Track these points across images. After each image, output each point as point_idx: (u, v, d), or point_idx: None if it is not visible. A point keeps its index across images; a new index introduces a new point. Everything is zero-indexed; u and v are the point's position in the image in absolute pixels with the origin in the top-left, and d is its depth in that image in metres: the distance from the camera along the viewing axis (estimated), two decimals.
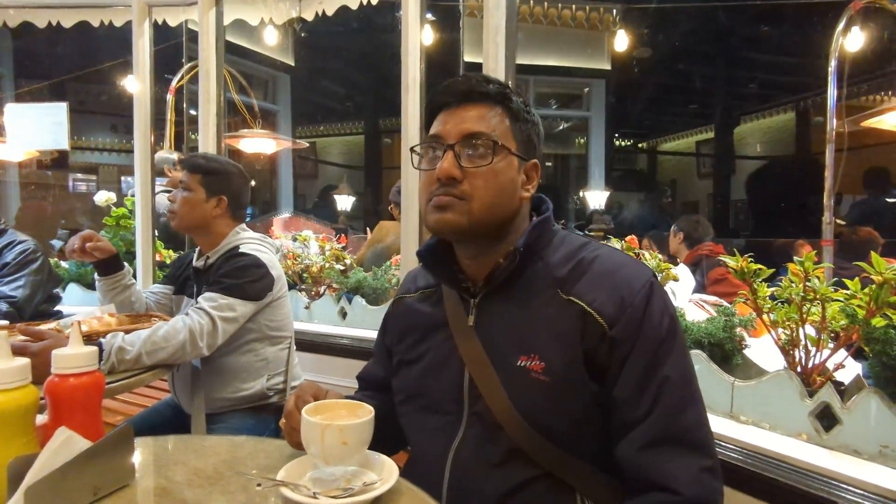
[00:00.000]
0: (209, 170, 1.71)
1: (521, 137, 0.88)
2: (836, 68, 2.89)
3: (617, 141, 10.66)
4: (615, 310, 0.79)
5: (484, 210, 0.83)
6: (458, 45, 2.52)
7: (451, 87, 0.88)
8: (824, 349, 1.25)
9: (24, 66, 6.81)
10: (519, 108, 0.88)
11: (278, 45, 4.98)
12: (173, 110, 4.14)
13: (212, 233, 1.72)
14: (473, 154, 0.84)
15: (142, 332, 1.42)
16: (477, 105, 0.86)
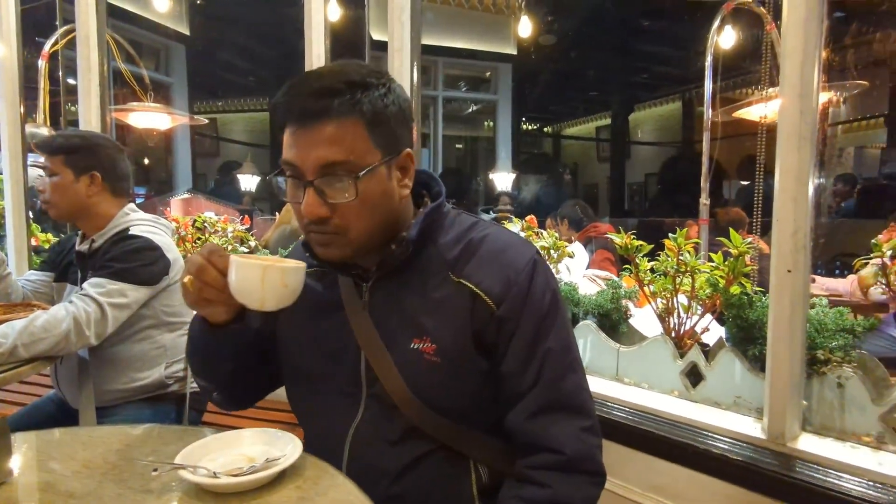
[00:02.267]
0: (70, 147, 1.57)
1: (384, 140, 0.80)
2: (712, 63, 3.19)
3: (524, 125, 11.02)
4: (502, 289, 0.83)
5: (364, 235, 0.81)
6: (364, 22, 2.48)
7: (294, 104, 0.77)
8: (694, 316, 1.42)
9: None
10: (375, 107, 0.78)
11: (170, 11, 4.60)
12: (47, 78, 3.72)
13: (94, 214, 1.60)
14: (337, 188, 0.77)
15: (16, 323, 1.31)
16: (326, 122, 0.76)
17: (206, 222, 2.77)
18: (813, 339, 1.15)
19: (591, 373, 1.52)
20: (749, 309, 1.27)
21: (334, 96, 0.76)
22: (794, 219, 1.07)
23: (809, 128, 1.08)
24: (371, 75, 0.80)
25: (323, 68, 0.83)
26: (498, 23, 6.26)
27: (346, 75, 0.78)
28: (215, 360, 0.92)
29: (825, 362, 1.14)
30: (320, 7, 2.17)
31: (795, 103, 1.08)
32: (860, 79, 5.09)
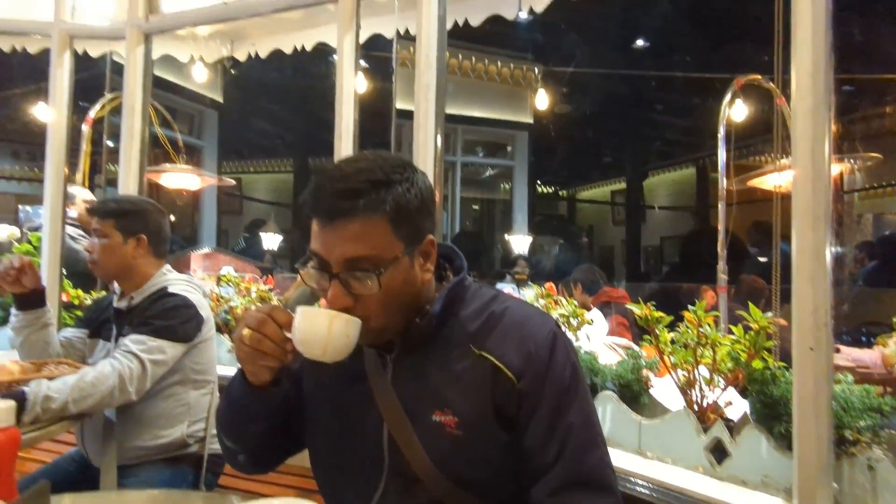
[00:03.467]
0: (122, 212, 1.69)
1: (406, 231, 0.83)
2: (725, 134, 3.28)
3: (539, 188, 11.25)
4: (522, 363, 0.85)
5: (387, 322, 0.85)
6: (391, 92, 2.61)
7: (320, 203, 0.82)
8: (716, 389, 1.41)
9: None
10: (398, 201, 0.81)
11: (207, 81, 4.92)
12: (89, 142, 3.94)
13: (136, 274, 1.69)
14: (360, 279, 0.81)
15: (68, 379, 1.37)
16: (351, 219, 0.79)
17: (231, 281, 2.84)
18: (840, 419, 1.14)
19: (612, 445, 1.49)
20: (773, 385, 1.26)
21: (358, 197, 0.79)
22: (813, 297, 1.09)
23: (823, 207, 1.11)
24: (394, 171, 0.83)
25: (348, 164, 0.86)
26: (515, 94, 6.56)
27: (370, 173, 0.82)
28: (249, 421, 0.93)
29: (854, 443, 1.13)
30: (350, 80, 2.31)
31: (808, 184, 1.12)
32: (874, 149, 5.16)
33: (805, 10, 1.19)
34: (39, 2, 2.93)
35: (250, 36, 3.52)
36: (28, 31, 2.88)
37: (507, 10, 3.04)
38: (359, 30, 2.31)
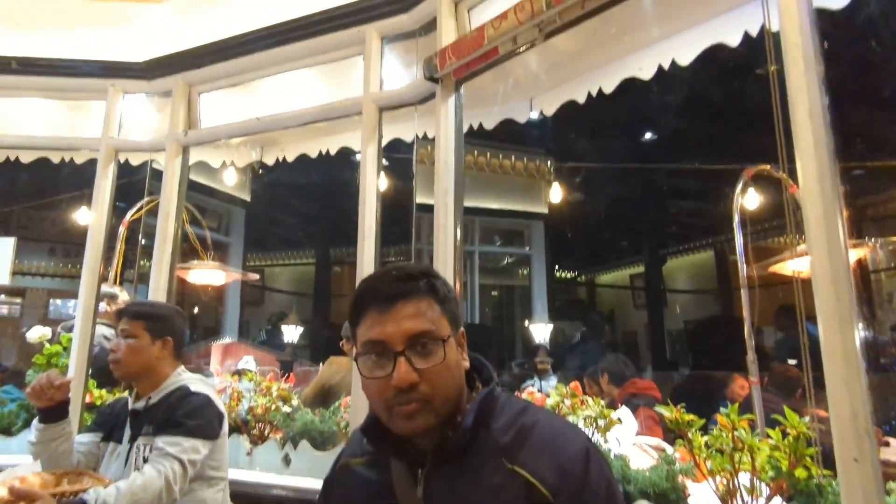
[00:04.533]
0: (153, 315, 1.77)
1: (451, 316, 0.92)
2: (740, 223, 3.32)
3: (558, 273, 11.26)
4: (556, 479, 0.83)
5: (447, 403, 0.88)
6: (411, 188, 2.72)
7: (381, 289, 0.90)
8: (759, 498, 1.33)
9: None
10: (443, 291, 0.93)
11: (237, 183, 5.21)
12: (124, 242, 4.12)
13: (156, 374, 1.73)
14: (425, 354, 0.86)
15: (119, 485, 1.42)
16: (408, 301, 0.88)
17: (252, 380, 2.83)
18: None
19: None
20: (820, 497, 1.19)
21: (415, 280, 0.91)
22: (851, 403, 1.06)
23: (848, 309, 1.10)
24: (430, 269, 0.97)
25: (395, 266, 0.97)
26: (530, 186, 6.80)
27: (416, 267, 0.95)
28: None
29: None
30: (373, 182, 2.44)
31: (827, 275, 1.12)
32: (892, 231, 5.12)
33: (802, 103, 1.26)
34: (90, 118, 3.21)
35: (279, 142, 3.76)
36: (78, 146, 3.12)
37: (519, 115, 3.24)
38: (381, 138, 2.46)
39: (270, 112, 2.82)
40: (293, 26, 2.58)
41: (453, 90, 2.16)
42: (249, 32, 2.70)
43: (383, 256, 2.46)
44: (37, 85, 3.04)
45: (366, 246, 2.38)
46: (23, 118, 3.28)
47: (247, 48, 2.73)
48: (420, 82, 2.26)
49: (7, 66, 2.94)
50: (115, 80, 3.00)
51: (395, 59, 2.53)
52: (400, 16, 2.39)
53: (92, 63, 2.97)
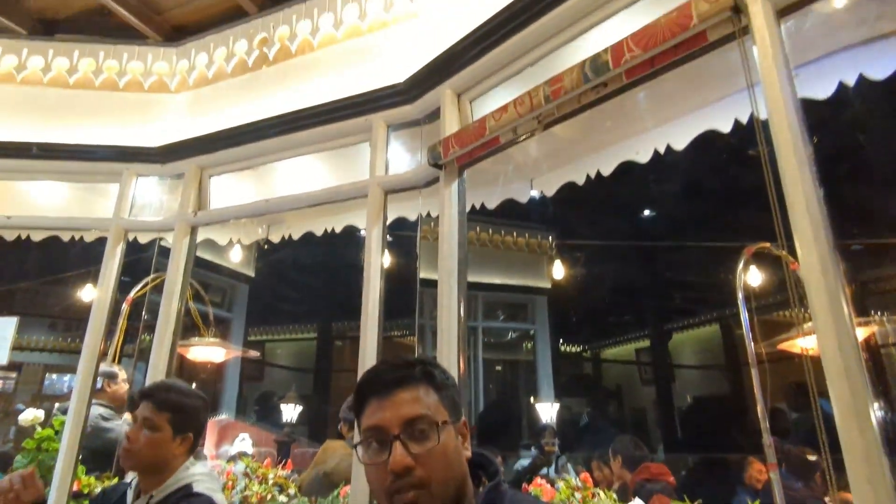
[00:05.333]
0: (180, 408, 1.64)
1: (448, 404, 0.96)
2: (744, 299, 3.30)
3: (562, 347, 11.10)
4: None
5: (444, 488, 0.89)
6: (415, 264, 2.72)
7: (379, 378, 0.96)
8: None
9: None
10: (441, 379, 0.97)
11: (242, 259, 5.27)
12: (126, 319, 4.11)
13: (167, 469, 1.61)
14: (420, 439, 0.90)
15: None
16: (406, 388, 0.93)
17: (248, 466, 2.73)
18: None
19: None
20: None
21: (411, 368, 0.96)
22: (874, 490, 1.01)
23: (862, 388, 1.08)
24: (430, 360, 1.02)
25: (391, 357, 1.02)
26: (532, 261, 6.87)
27: (416, 358, 1.00)
28: None
29: None
30: (378, 261, 2.46)
31: (840, 368, 1.10)
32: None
33: (795, 187, 1.29)
34: (102, 198, 3.30)
35: (285, 221, 3.84)
36: (89, 227, 3.19)
37: (520, 195, 3.33)
38: (386, 220, 2.52)
39: (279, 194, 2.91)
40: (303, 115, 2.71)
41: (456, 176, 2.23)
42: (261, 120, 2.83)
43: (386, 331, 2.45)
44: (55, 168, 3.15)
45: (369, 323, 2.37)
46: (36, 198, 3.38)
47: (258, 135, 2.85)
48: (424, 168, 2.34)
49: (28, 151, 3.06)
50: (129, 164, 3.11)
51: (400, 145, 2.63)
52: (405, 106, 2.51)
53: (109, 148, 3.09)
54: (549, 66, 2.10)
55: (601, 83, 1.68)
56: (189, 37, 3.19)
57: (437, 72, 2.36)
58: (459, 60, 2.27)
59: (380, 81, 2.56)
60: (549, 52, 2.09)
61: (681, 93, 2.28)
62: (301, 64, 2.85)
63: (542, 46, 2.09)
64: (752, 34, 1.40)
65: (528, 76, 2.19)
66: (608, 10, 1.87)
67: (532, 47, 2.11)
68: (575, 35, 2.01)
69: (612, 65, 1.61)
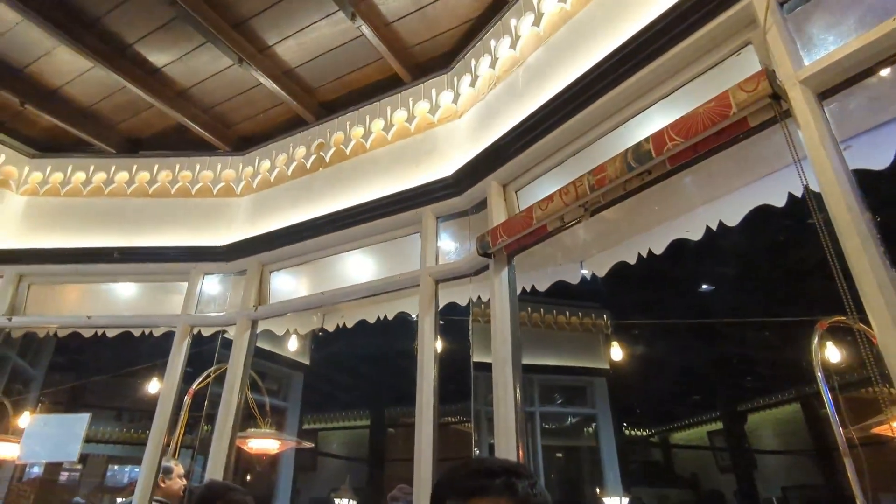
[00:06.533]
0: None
1: None
2: (824, 377, 3.05)
3: (626, 431, 10.42)
4: None
5: None
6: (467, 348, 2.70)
7: (456, 484, 0.92)
8: None
9: (56, 364, 7.27)
10: (524, 492, 0.90)
11: (298, 349, 5.39)
12: (187, 411, 4.22)
13: None
14: None
15: None
16: (483, 499, 0.89)
17: None
18: None
19: None
20: None
21: (493, 477, 0.90)
22: None
23: None
24: (522, 468, 0.95)
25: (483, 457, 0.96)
26: (588, 341, 6.65)
27: (503, 463, 0.94)
28: None
29: None
30: (431, 348, 2.46)
31: None
32: None
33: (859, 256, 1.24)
34: (168, 296, 3.51)
35: (340, 310, 3.93)
36: (159, 324, 3.38)
37: (570, 276, 3.30)
38: (438, 308, 2.55)
39: (335, 286, 3.01)
40: (357, 211, 2.86)
41: (506, 263, 2.27)
42: (317, 218, 3.00)
43: (441, 416, 2.40)
44: (132, 270, 3.41)
45: (424, 411, 2.34)
46: (111, 297, 3.63)
47: (314, 231, 3.01)
48: (473, 256, 2.39)
49: (110, 256, 3.34)
50: (197, 263, 3.33)
51: (449, 235, 2.71)
52: (453, 198, 2.62)
53: (180, 249, 3.34)
54: (591, 155, 2.16)
55: (645, 171, 1.71)
56: (254, 146, 3.50)
57: (482, 165, 2.46)
58: (504, 153, 2.38)
59: (428, 176, 2.70)
60: (591, 143, 2.17)
61: (728, 171, 2.27)
62: (355, 164, 3.06)
63: (584, 137, 2.17)
64: (795, 117, 1.41)
65: (571, 165, 2.26)
66: (647, 101, 1.94)
67: (574, 138, 2.19)
68: (615, 125, 2.08)
69: (654, 153, 1.64)
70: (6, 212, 3.53)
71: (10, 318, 3.32)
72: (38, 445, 3.03)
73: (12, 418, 4.84)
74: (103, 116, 3.53)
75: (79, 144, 3.68)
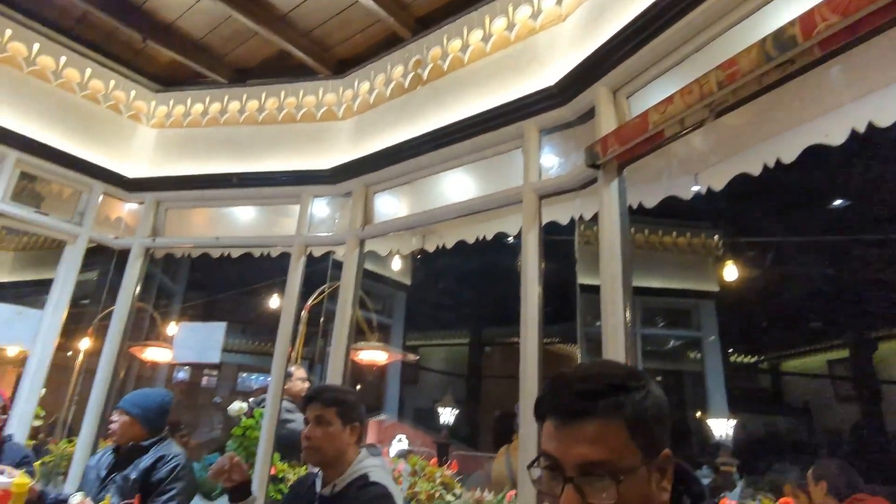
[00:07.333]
0: (344, 402, 1.84)
1: (644, 442, 0.80)
2: None
3: (733, 357, 10.01)
4: None
5: None
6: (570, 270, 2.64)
7: (558, 403, 0.83)
8: None
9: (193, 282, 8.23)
10: (636, 409, 0.81)
11: (400, 269, 5.64)
12: (305, 325, 4.62)
13: (343, 461, 1.79)
14: (597, 486, 0.78)
15: None
16: (587, 421, 0.80)
17: (416, 465, 2.88)
18: None
19: None
20: None
21: (598, 398, 0.80)
22: None
23: None
24: (631, 378, 0.84)
25: (585, 368, 0.90)
26: (696, 263, 6.30)
27: (608, 378, 0.83)
28: None
29: None
30: (535, 268, 2.44)
31: None
32: None
33: None
34: (284, 219, 3.75)
35: (439, 231, 4.00)
36: (276, 244, 3.65)
37: (683, 191, 3.08)
38: (541, 225, 2.50)
39: (435, 205, 3.05)
40: (457, 128, 2.82)
41: (616, 175, 2.15)
42: (418, 137, 3.00)
43: (546, 337, 2.42)
44: (249, 195, 3.67)
45: (529, 330, 2.37)
46: (235, 221, 3.95)
47: (415, 151, 3.02)
48: (581, 169, 2.29)
49: (229, 181, 3.60)
50: (307, 186, 3.50)
51: (552, 149, 2.61)
52: (558, 109, 2.48)
53: (290, 174, 3.52)
54: (714, 52, 1.92)
55: (787, 60, 1.49)
56: (352, 68, 3.51)
57: (590, 71, 2.29)
58: (614, 57, 2.19)
59: (530, 87, 2.57)
60: (715, 37, 1.92)
61: (891, 59, 1.93)
62: (453, 80, 2.98)
63: (706, 32, 1.93)
64: None
65: (690, 65, 2.03)
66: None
67: (694, 34, 1.96)
68: (744, 16, 1.83)
69: (801, 38, 1.42)
70: (141, 144, 3.89)
71: (153, 238, 3.75)
72: (186, 349, 3.49)
73: (161, 327, 5.60)
74: (213, 48, 3.69)
75: (194, 77, 3.90)
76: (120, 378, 3.60)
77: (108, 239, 3.77)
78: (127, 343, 3.70)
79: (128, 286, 3.66)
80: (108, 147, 3.75)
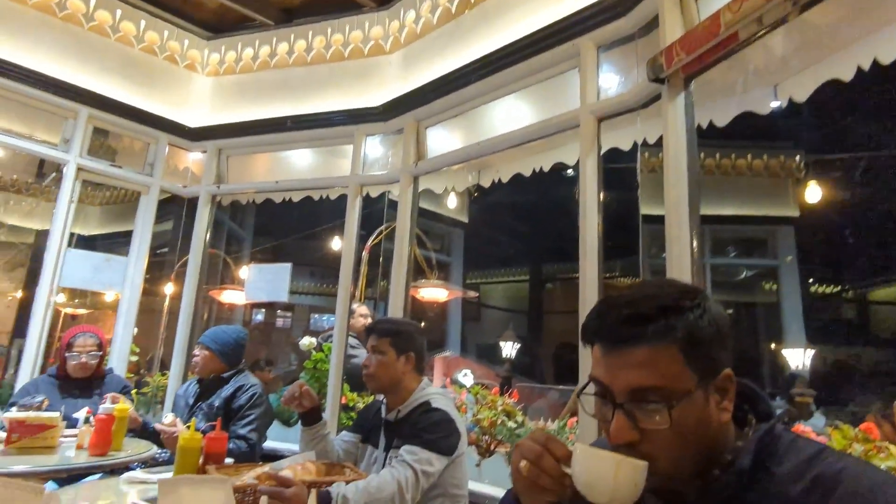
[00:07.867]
0: (396, 332, 1.90)
1: (700, 364, 0.76)
2: None
3: (813, 287, 9.44)
4: None
5: (674, 466, 0.76)
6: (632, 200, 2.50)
7: (606, 328, 0.79)
8: None
9: (259, 228, 8.62)
10: (690, 331, 0.76)
11: (456, 207, 5.60)
12: (366, 265, 4.74)
13: (402, 388, 1.87)
14: (648, 412, 0.75)
15: (358, 483, 1.54)
16: (637, 346, 0.76)
17: (478, 394, 2.94)
18: None
19: None
20: None
21: (647, 323, 0.76)
22: None
23: None
24: (685, 297, 0.79)
25: (635, 290, 0.84)
26: (772, 187, 5.82)
27: (658, 300, 0.78)
28: None
29: None
30: (594, 196, 2.33)
31: None
32: None
33: None
34: (341, 161, 3.77)
35: (494, 165, 3.89)
36: (333, 185, 3.69)
37: (759, 106, 2.80)
38: (600, 150, 2.37)
39: (489, 136, 2.95)
40: (507, 52, 2.67)
41: (682, 88, 1.97)
42: (467, 65, 2.87)
43: (606, 271, 2.35)
44: (304, 137, 3.70)
45: (588, 264, 2.29)
46: (293, 165, 4.02)
47: (465, 80, 2.90)
48: (643, 85, 2.12)
49: (284, 125, 3.64)
50: (358, 125, 3.48)
51: (611, 67, 2.42)
52: (616, 21, 2.28)
53: (342, 113, 3.50)
54: None
55: None
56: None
57: None
58: None
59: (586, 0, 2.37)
60: None
61: None
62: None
63: None
64: None
65: None
66: None
67: None
68: None
69: None
70: (199, 92, 3.98)
71: (218, 185, 3.89)
72: (256, 289, 3.67)
73: (234, 271, 5.93)
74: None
75: (243, 22, 3.89)
76: (203, 319, 3.87)
77: (178, 188, 3.95)
78: (204, 287, 3.95)
79: (199, 233, 3.85)
80: (169, 98, 3.86)
